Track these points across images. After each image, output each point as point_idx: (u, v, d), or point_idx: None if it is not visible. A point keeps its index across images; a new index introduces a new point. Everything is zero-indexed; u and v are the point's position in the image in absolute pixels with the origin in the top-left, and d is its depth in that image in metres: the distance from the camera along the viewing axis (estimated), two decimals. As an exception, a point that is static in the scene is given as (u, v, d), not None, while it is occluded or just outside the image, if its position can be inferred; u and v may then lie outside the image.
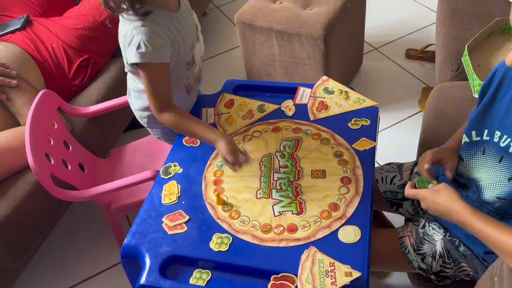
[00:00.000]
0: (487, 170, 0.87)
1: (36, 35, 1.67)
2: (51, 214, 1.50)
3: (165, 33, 1.03)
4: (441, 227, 0.99)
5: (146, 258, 0.94)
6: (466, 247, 0.94)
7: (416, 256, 0.99)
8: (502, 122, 0.85)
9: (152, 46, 1.01)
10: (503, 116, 0.85)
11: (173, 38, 1.06)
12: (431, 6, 2.50)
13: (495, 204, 0.85)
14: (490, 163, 0.86)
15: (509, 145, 0.82)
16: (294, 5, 1.83)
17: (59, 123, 1.41)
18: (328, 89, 1.30)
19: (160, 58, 1.03)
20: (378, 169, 1.17)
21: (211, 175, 1.11)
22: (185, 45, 1.11)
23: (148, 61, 1.03)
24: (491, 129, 0.87)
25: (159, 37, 1.02)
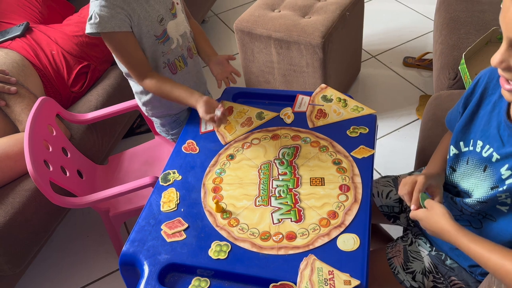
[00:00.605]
0: (474, 179, 0.87)
1: (36, 42, 1.68)
2: (49, 221, 1.50)
3: (119, 5, 1.10)
4: (427, 242, 0.99)
5: (145, 266, 0.94)
6: (452, 260, 0.94)
7: (406, 275, 0.99)
8: (484, 132, 0.84)
9: (102, 16, 1.08)
10: (485, 126, 0.85)
11: (131, 10, 1.12)
12: (428, 14, 2.53)
13: (476, 207, 0.85)
14: (476, 172, 0.86)
15: (491, 155, 0.82)
16: (293, 14, 1.84)
17: (58, 130, 1.41)
18: (327, 97, 1.30)
19: (112, 27, 1.09)
20: (374, 182, 1.17)
21: (210, 182, 1.12)
22: (149, 18, 1.15)
23: (99, 31, 1.09)
24: (474, 139, 0.87)
25: (111, 9, 1.09)
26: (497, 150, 0.81)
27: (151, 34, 1.16)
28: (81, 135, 1.56)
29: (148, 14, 1.14)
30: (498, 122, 0.81)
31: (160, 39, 1.18)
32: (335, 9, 1.81)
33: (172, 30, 1.21)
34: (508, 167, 0.78)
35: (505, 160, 0.79)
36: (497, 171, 0.81)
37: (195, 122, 1.30)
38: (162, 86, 1.18)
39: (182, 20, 1.25)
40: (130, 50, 1.15)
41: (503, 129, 0.80)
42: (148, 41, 1.17)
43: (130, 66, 1.18)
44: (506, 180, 0.79)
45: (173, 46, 1.22)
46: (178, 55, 1.25)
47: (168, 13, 1.19)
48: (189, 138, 1.25)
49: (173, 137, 1.42)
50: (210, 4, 2.60)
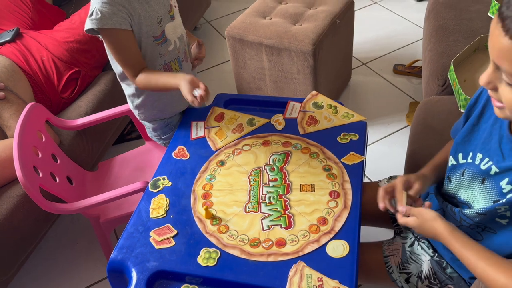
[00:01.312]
0: (472, 191, 0.87)
1: (26, 48, 1.67)
2: (37, 228, 1.48)
3: (120, 3, 1.10)
4: (430, 247, 0.99)
5: (133, 273, 0.93)
6: (453, 269, 0.94)
7: (399, 276, 0.99)
8: (485, 145, 0.84)
9: (103, 13, 1.08)
10: (486, 139, 0.85)
11: (132, 9, 1.12)
12: (418, 22, 2.56)
13: (475, 218, 0.85)
14: (474, 184, 0.86)
15: (490, 168, 0.81)
16: (283, 21, 1.85)
17: (47, 136, 1.40)
18: (318, 104, 1.31)
19: (113, 24, 1.09)
20: (383, 184, 1.16)
21: (200, 188, 1.11)
22: (149, 18, 1.15)
23: (99, 27, 1.09)
24: (474, 152, 0.86)
25: (112, 6, 1.09)
26: (496, 163, 0.81)
27: (150, 34, 1.17)
28: (71, 141, 1.55)
29: (148, 14, 1.15)
30: (500, 136, 0.81)
31: (158, 40, 1.19)
32: (326, 16, 1.82)
33: (170, 32, 1.21)
34: (508, 181, 0.78)
35: (504, 173, 0.79)
36: (497, 184, 0.80)
37: (186, 128, 1.30)
38: (150, 77, 1.18)
39: (179, 23, 1.26)
40: (128, 48, 1.15)
41: (505, 143, 0.80)
42: (146, 42, 1.17)
43: (126, 64, 1.17)
44: (507, 194, 0.78)
45: (170, 48, 1.23)
46: (174, 58, 1.25)
47: (167, 15, 1.20)
48: (180, 144, 1.25)
49: (165, 142, 1.42)
50: (202, 11, 2.61)
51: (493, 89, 0.70)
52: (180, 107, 1.35)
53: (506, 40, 0.61)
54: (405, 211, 0.85)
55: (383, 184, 1.16)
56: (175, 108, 1.34)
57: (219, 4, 3.03)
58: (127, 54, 1.15)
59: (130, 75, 1.19)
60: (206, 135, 1.26)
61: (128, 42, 1.14)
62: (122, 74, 1.25)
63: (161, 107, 1.31)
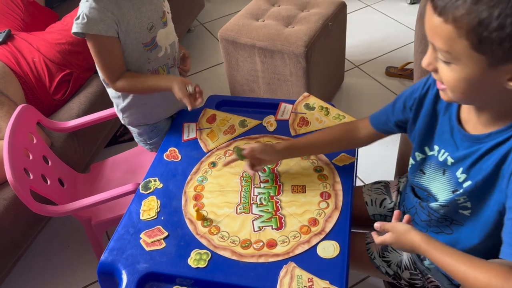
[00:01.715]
0: (437, 183, 0.88)
1: (18, 49, 1.66)
2: (28, 231, 1.47)
3: (109, 9, 1.09)
4: None
5: (123, 275, 0.93)
6: (430, 261, 0.94)
7: (382, 262, 1.01)
8: (439, 137, 0.86)
9: (89, 18, 1.08)
10: (439, 130, 0.86)
11: (120, 16, 1.11)
12: (410, 25, 2.57)
13: (440, 211, 0.87)
14: (438, 176, 0.87)
15: (446, 159, 0.83)
16: (276, 23, 1.86)
17: (38, 138, 1.39)
18: (309, 105, 1.31)
19: (98, 30, 1.09)
20: (367, 190, 1.17)
21: (191, 190, 1.11)
22: (139, 25, 1.15)
23: (84, 31, 1.09)
24: (434, 144, 0.88)
25: (100, 12, 1.08)
26: (451, 154, 0.82)
27: (139, 41, 1.16)
28: (62, 143, 1.55)
29: (138, 21, 1.14)
30: (450, 127, 0.83)
31: (148, 46, 1.18)
32: (318, 19, 1.83)
33: (161, 39, 1.21)
34: (463, 171, 0.80)
35: (459, 163, 0.81)
36: (454, 174, 0.82)
37: (178, 130, 1.29)
38: (134, 81, 1.18)
39: (172, 30, 1.25)
40: (111, 55, 1.15)
41: (456, 134, 0.82)
42: (134, 48, 1.17)
43: (105, 70, 1.17)
44: (463, 184, 0.80)
45: (160, 54, 1.22)
46: (163, 64, 1.24)
47: (159, 22, 1.19)
48: (171, 145, 1.25)
49: (151, 147, 1.41)
50: (195, 13, 2.62)
51: (433, 70, 0.72)
52: (166, 113, 1.34)
53: (436, 17, 0.64)
54: (379, 227, 0.85)
55: (366, 190, 1.17)
56: (160, 114, 1.33)
57: (213, 6, 3.04)
58: (108, 59, 1.15)
59: (109, 80, 1.18)
60: (198, 137, 1.26)
61: (111, 48, 1.14)
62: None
63: (146, 112, 1.30)
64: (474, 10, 0.60)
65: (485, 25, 0.60)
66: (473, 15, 0.60)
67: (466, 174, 0.79)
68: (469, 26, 0.61)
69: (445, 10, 0.62)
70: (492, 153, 0.75)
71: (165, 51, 1.23)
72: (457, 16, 0.62)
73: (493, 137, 0.74)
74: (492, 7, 0.59)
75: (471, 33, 0.62)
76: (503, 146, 0.73)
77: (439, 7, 0.63)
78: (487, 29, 0.60)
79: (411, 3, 2.78)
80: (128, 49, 1.17)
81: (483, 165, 0.76)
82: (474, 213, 0.81)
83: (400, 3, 2.81)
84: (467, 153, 0.79)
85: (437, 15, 0.64)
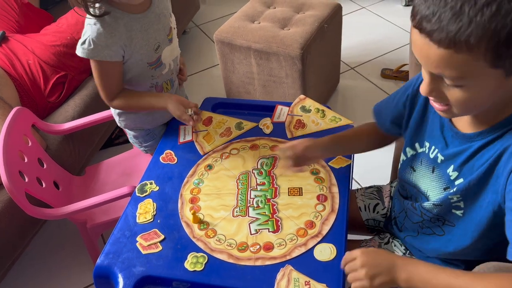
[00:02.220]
0: (426, 180, 0.88)
1: (12, 51, 1.65)
2: (23, 234, 1.46)
3: (117, 34, 1.08)
4: (402, 245, 1.01)
5: (119, 279, 0.93)
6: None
7: None
8: (430, 133, 0.86)
9: (96, 44, 1.07)
10: (430, 126, 0.86)
11: (128, 40, 1.10)
12: (405, 27, 2.59)
13: (433, 210, 0.86)
14: (427, 173, 0.87)
15: (436, 156, 0.83)
16: (272, 25, 1.86)
17: (33, 140, 1.38)
18: (305, 108, 1.32)
19: (103, 56, 1.08)
20: (360, 195, 1.17)
21: (187, 193, 1.11)
22: (147, 46, 1.14)
23: (90, 57, 1.09)
24: (424, 141, 0.88)
25: (108, 38, 1.07)
26: (441, 151, 0.82)
27: (144, 62, 1.16)
28: (57, 146, 1.54)
29: (145, 42, 1.13)
30: (441, 124, 0.83)
31: (152, 65, 1.18)
32: (314, 21, 1.84)
33: (166, 56, 1.21)
34: (454, 168, 0.80)
35: (449, 161, 0.80)
36: (444, 172, 0.82)
37: (174, 132, 1.29)
38: (129, 101, 1.18)
39: (176, 45, 1.25)
40: (112, 78, 1.15)
41: (446, 131, 0.81)
42: (138, 67, 1.16)
43: (104, 90, 1.18)
44: (455, 181, 0.80)
45: (164, 71, 1.22)
46: (167, 79, 1.25)
47: (165, 40, 1.19)
48: (167, 148, 1.24)
49: (146, 149, 1.41)
50: (191, 15, 2.62)
51: (438, 96, 0.70)
52: (163, 120, 1.34)
53: (441, 50, 0.61)
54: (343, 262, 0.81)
55: (360, 195, 1.18)
56: (157, 120, 1.33)
57: (208, 8, 3.03)
58: (109, 82, 1.16)
59: (105, 98, 1.19)
60: (194, 139, 1.26)
61: (113, 72, 1.14)
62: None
63: (143, 118, 1.30)
64: (491, 32, 0.58)
65: (505, 42, 0.58)
66: (489, 37, 0.58)
67: (458, 172, 0.79)
68: (488, 48, 0.59)
69: (455, 41, 0.59)
70: (484, 151, 0.75)
71: (169, 68, 1.23)
72: (472, 43, 0.59)
73: (484, 136, 0.74)
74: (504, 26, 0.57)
75: (490, 53, 0.60)
76: (495, 144, 0.73)
77: (444, 40, 0.60)
78: (508, 45, 0.59)
79: (406, 5, 2.79)
80: (132, 70, 1.16)
81: (475, 163, 0.76)
82: (467, 214, 0.81)
83: (395, 5, 2.83)
84: (457, 151, 0.79)
85: (444, 48, 0.61)
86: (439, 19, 0.60)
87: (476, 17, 0.57)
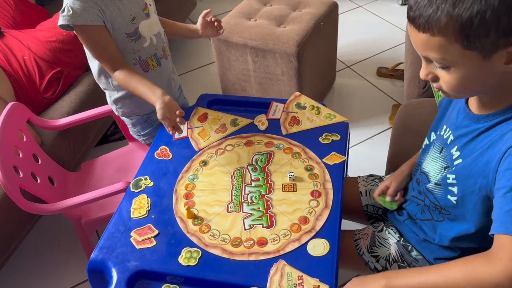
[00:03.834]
0: (432, 160, 0.92)
1: (7, 47, 1.65)
2: (17, 229, 1.46)
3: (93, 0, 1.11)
4: (396, 232, 1.03)
5: (113, 273, 0.93)
6: (418, 252, 0.97)
7: (370, 257, 1.03)
8: (449, 116, 0.91)
9: (74, 10, 1.09)
10: (451, 111, 0.92)
11: (104, 6, 1.13)
12: (402, 26, 2.59)
13: (435, 191, 0.90)
14: (435, 153, 0.92)
15: (448, 136, 0.88)
16: (268, 23, 1.86)
17: (28, 136, 1.38)
18: (300, 105, 1.32)
19: (84, 20, 1.10)
20: (362, 180, 1.20)
21: (182, 188, 1.11)
22: (122, 15, 1.17)
23: (70, 23, 1.10)
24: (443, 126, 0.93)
25: (83, 2, 1.09)
26: (453, 132, 0.87)
27: (122, 31, 1.18)
28: (53, 142, 1.54)
29: (120, 11, 1.16)
30: (459, 107, 0.88)
31: (131, 36, 1.20)
32: (310, 19, 1.84)
33: (144, 29, 1.22)
34: (458, 148, 0.84)
35: (456, 140, 0.85)
36: (449, 152, 0.86)
37: (169, 129, 1.29)
38: (130, 81, 1.18)
39: (155, 21, 1.27)
40: (103, 43, 1.15)
41: (460, 113, 0.86)
42: (118, 38, 1.18)
43: (103, 60, 1.18)
44: (455, 161, 0.84)
45: (145, 44, 1.24)
46: (150, 54, 1.26)
47: (141, 13, 1.21)
48: (162, 144, 1.24)
49: (145, 138, 1.42)
50: (187, 12, 2.61)
51: (433, 79, 0.76)
52: None
53: (421, 35, 0.70)
54: None
55: (361, 181, 1.20)
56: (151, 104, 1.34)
57: (205, 6, 3.03)
58: (101, 49, 1.16)
59: (108, 68, 1.19)
60: (189, 135, 1.26)
61: (102, 37, 1.15)
62: (99, 71, 1.26)
63: (139, 102, 1.30)
64: (454, 16, 0.65)
65: (468, 25, 0.65)
66: (455, 21, 0.65)
67: (460, 152, 0.83)
68: (455, 30, 0.66)
69: (428, 25, 0.67)
70: (486, 134, 0.78)
71: (150, 42, 1.24)
72: (441, 27, 0.66)
73: (490, 119, 0.78)
74: (469, 8, 0.64)
75: (458, 36, 0.66)
76: (496, 129, 0.76)
77: (422, 25, 0.68)
78: (471, 28, 0.65)
79: (403, 4, 2.80)
80: (117, 41, 1.18)
81: (476, 145, 0.79)
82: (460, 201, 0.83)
83: (392, 4, 2.83)
84: (464, 131, 0.83)
85: (422, 32, 0.69)
86: (417, 7, 0.69)
87: (442, 4, 0.65)
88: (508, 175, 0.70)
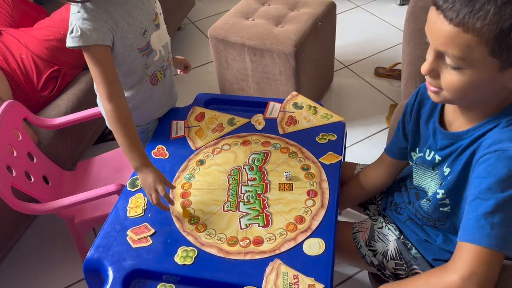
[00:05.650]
0: (426, 178, 0.93)
1: (5, 45, 1.65)
2: (14, 228, 1.45)
3: (102, 18, 1.05)
4: (397, 229, 1.03)
5: (109, 272, 0.93)
6: (417, 251, 0.98)
7: (368, 251, 1.03)
8: (425, 139, 0.91)
9: (83, 30, 1.03)
10: (424, 134, 0.92)
11: (114, 24, 1.07)
12: (399, 26, 2.59)
13: (424, 207, 0.91)
14: (427, 171, 0.92)
15: (434, 157, 0.88)
16: (266, 22, 1.86)
17: (24, 135, 1.38)
18: (297, 104, 1.32)
19: (93, 40, 1.03)
20: (360, 168, 1.22)
21: (178, 187, 1.11)
22: (132, 31, 1.11)
23: (81, 44, 1.03)
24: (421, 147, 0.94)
25: (93, 21, 1.03)
26: (437, 152, 0.87)
27: (134, 47, 1.13)
28: (50, 141, 1.53)
29: (130, 27, 1.11)
30: (433, 129, 0.88)
31: (143, 51, 1.16)
32: (308, 19, 1.84)
33: (155, 42, 1.18)
34: (447, 165, 0.85)
35: (445, 159, 0.86)
36: (442, 170, 0.87)
37: (166, 127, 1.29)
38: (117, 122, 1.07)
39: (164, 31, 1.23)
40: (109, 65, 1.07)
41: (437, 134, 0.87)
42: (131, 55, 1.13)
43: (105, 83, 1.07)
44: (447, 177, 0.84)
45: (156, 58, 1.20)
46: (159, 67, 1.23)
47: (152, 25, 1.17)
48: (159, 143, 1.24)
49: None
50: (186, 11, 2.61)
51: (434, 76, 0.74)
52: (159, 114, 1.33)
53: (451, 27, 0.66)
54: None
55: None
56: (153, 115, 1.32)
57: (203, 5, 3.03)
58: (107, 71, 1.07)
59: (104, 94, 1.07)
60: (186, 135, 1.26)
61: (108, 58, 1.07)
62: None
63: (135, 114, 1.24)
64: (497, 20, 0.63)
65: (506, 33, 0.63)
66: (495, 25, 0.63)
67: (450, 168, 0.84)
68: (491, 35, 0.64)
69: (464, 21, 0.64)
70: (471, 147, 0.79)
71: (159, 54, 1.21)
72: (478, 27, 0.64)
73: (471, 133, 0.79)
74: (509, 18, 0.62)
75: (491, 40, 0.64)
76: (479, 141, 0.77)
77: (455, 19, 0.65)
78: (508, 37, 0.64)
79: (401, 4, 2.80)
80: (127, 57, 1.13)
81: (462, 160, 0.80)
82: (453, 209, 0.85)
83: (390, 4, 2.84)
84: (450, 150, 0.83)
85: (454, 25, 0.66)
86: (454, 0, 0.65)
87: (487, 5, 0.63)
88: (476, 183, 0.72)
